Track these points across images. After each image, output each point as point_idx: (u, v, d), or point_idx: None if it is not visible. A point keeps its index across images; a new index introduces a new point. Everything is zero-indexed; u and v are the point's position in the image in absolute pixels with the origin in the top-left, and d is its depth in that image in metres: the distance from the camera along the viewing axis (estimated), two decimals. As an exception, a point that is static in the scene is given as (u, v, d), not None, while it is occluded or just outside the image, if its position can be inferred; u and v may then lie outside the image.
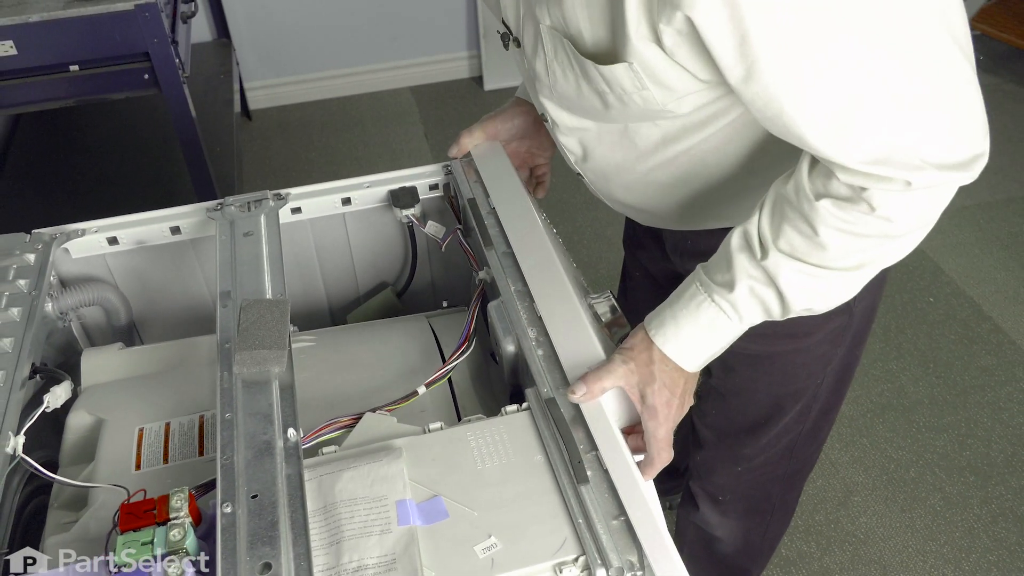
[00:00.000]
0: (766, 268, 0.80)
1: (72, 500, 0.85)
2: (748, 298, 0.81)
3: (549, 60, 0.85)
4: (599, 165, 0.98)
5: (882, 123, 0.69)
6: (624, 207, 1.05)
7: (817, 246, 0.77)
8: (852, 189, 0.74)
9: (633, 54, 0.75)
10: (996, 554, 1.71)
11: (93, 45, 1.73)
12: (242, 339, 0.81)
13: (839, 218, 0.75)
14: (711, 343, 0.84)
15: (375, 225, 1.14)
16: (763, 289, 0.81)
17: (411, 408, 0.88)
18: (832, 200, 0.75)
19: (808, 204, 0.76)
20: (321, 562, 0.68)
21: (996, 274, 2.34)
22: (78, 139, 2.70)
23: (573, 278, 0.93)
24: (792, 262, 0.79)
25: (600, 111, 0.86)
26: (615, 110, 0.84)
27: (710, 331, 0.83)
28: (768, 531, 1.37)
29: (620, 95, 0.81)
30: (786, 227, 0.79)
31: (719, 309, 0.82)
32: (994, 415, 1.98)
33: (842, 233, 0.76)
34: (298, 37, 3.03)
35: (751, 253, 0.81)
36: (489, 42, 3.12)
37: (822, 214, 0.76)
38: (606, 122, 0.91)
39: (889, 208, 0.73)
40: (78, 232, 1.03)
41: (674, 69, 0.75)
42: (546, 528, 0.70)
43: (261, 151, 2.96)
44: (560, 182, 1.22)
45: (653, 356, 0.82)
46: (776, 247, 0.79)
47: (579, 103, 0.87)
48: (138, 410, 0.90)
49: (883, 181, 0.72)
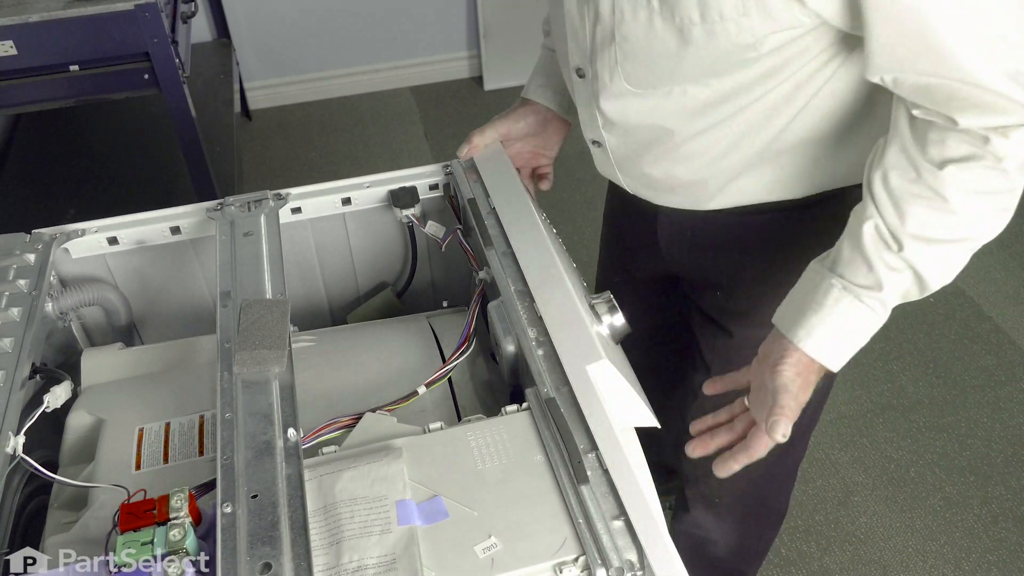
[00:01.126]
0: (905, 259, 0.81)
1: (72, 500, 0.85)
2: (894, 294, 0.83)
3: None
4: (636, 132, 0.95)
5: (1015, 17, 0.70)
6: (646, 182, 1.02)
7: (948, 213, 0.77)
8: (973, 143, 0.74)
9: None
10: (996, 554, 1.71)
11: (93, 45, 1.73)
12: (242, 339, 0.81)
13: (967, 180, 0.75)
14: (858, 339, 0.84)
15: (375, 225, 1.14)
16: (903, 279, 0.82)
17: (411, 408, 0.88)
18: (957, 164, 0.75)
19: (932, 175, 0.76)
20: (321, 562, 0.68)
21: (996, 274, 2.34)
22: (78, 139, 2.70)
23: (573, 278, 0.93)
24: (927, 247, 0.80)
25: (671, 53, 0.83)
26: (695, 47, 0.81)
27: (858, 329, 0.84)
28: (763, 534, 1.37)
29: (712, 24, 0.78)
30: (911, 206, 0.79)
31: (871, 310, 0.83)
32: (994, 415, 1.98)
33: (972, 194, 0.76)
34: (298, 37, 3.03)
35: (887, 248, 0.81)
36: (489, 42, 3.12)
37: (950, 180, 0.76)
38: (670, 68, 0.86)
39: (1013, 154, 0.74)
40: (78, 232, 1.03)
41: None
42: (546, 528, 0.70)
43: (261, 151, 2.96)
44: (560, 182, 1.22)
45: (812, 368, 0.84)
46: (907, 232, 0.79)
47: (646, 46, 0.84)
48: (138, 410, 0.90)
49: (1007, 113, 0.72)
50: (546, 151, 1.16)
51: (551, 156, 1.17)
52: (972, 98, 0.72)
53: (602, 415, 0.77)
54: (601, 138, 0.99)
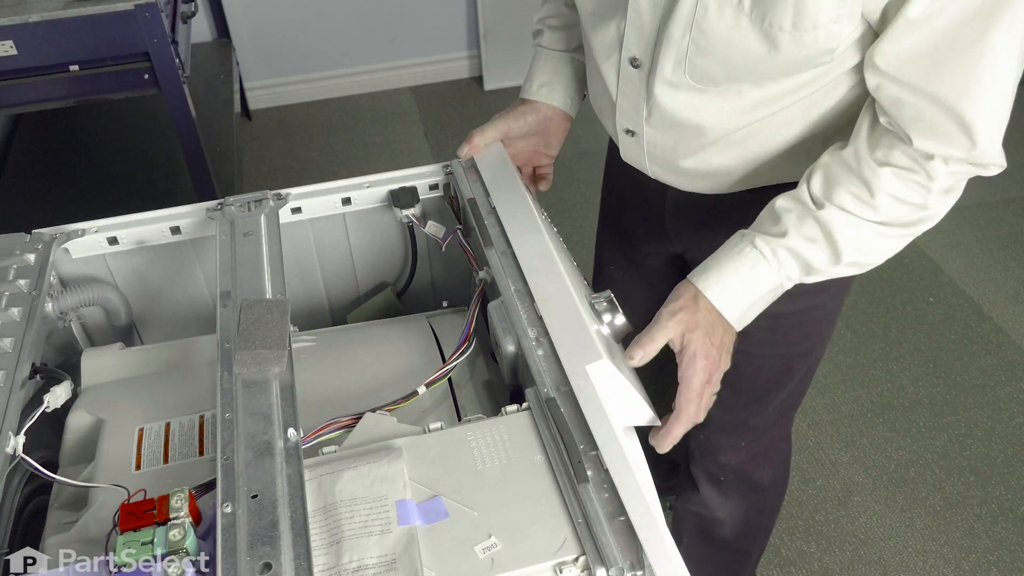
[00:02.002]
0: (821, 218, 0.84)
1: (72, 500, 0.85)
2: (789, 254, 0.86)
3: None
4: (677, 126, 0.95)
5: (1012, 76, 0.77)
6: (671, 171, 1.02)
7: (870, 208, 0.84)
8: (914, 159, 0.81)
9: None
10: (996, 554, 1.71)
11: (93, 45, 1.73)
12: (242, 339, 0.81)
13: (897, 186, 0.82)
14: (751, 290, 0.87)
15: (375, 225, 1.14)
16: (810, 245, 0.85)
17: (411, 408, 0.88)
18: (894, 169, 0.82)
19: (870, 170, 0.83)
20: (321, 562, 0.68)
21: (996, 274, 2.34)
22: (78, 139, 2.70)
23: (574, 277, 0.93)
24: (848, 215, 0.84)
25: (751, 54, 0.84)
26: (780, 51, 0.82)
27: (751, 276, 0.86)
28: (766, 507, 1.38)
29: (803, 31, 0.79)
30: (839, 189, 0.84)
31: (760, 254, 0.86)
32: (994, 415, 1.98)
33: (895, 199, 0.83)
34: (298, 37, 3.04)
35: (803, 209, 0.85)
36: (489, 42, 3.12)
37: (883, 181, 0.82)
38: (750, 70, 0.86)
39: (943, 179, 0.81)
40: (78, 232, 1.03)
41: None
42: (546, 528, 0.70)
43: (261, 151, 2.96)
44: (560, 182, 1.22)
45: (699, 305, 0.86)
46: (830, 202, 0.85)
47: (726, 44, 0.84)
48: (138, 410, 0.90)
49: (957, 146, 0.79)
50: (547, 150, 1.16)
51: (552, 155, 1.17)
52: (935, 124, 0.79)
53: (602, 415, 0.77)
54: (640, 129, 0.99)
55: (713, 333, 0.85)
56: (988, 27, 0.74)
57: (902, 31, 0.77)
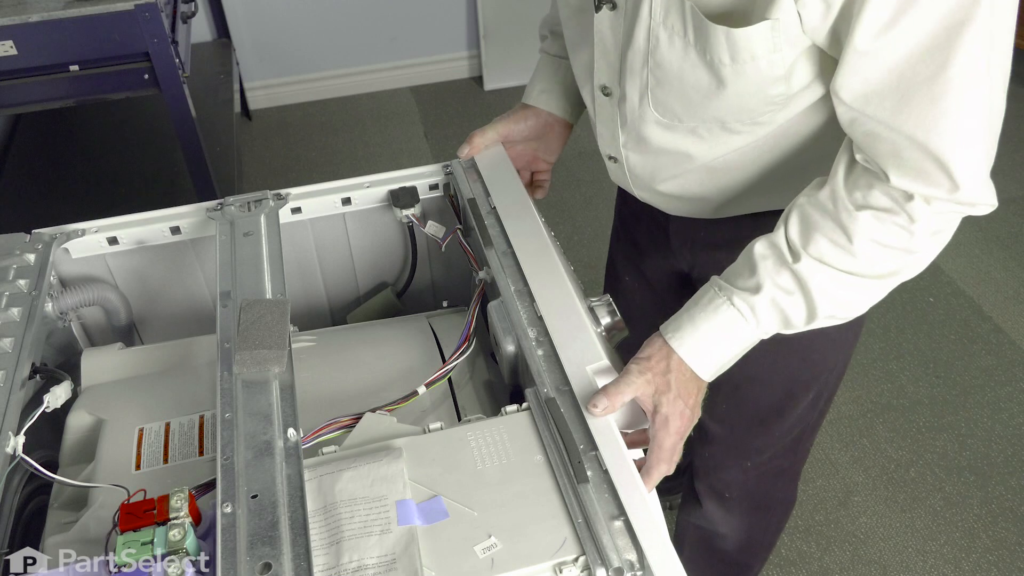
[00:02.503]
0: (797, 272, 0.80)
1: (72, 500, 0.85)
2: (769, 305, 0.81)
3: (655, 24, 0.82)
4: (655, 152, 0.95)
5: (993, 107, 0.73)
6: (658, 197, 1.03)
7: (848, 255, 0.79)
8: (894, 199, 0.76)
9: (780, 8, 0.73)
10: (996, 554, 1.71)
11: (93, 45, 1.73)
12: (242, 339, 0.81)
13: (877, 230, 0.77)
14: (726, 349, 0.83)
15: (375, 225, 1.14)
16: (787, 298, 0.81)
17: (411, 408, 0.88)
18: (873, 212, 0.77)
19: (847, 214, 0.78)
20: (321, 562, 0.68)
21: (996, 274, 2.34)
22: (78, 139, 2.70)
23: (572, 280, 0.93)
24: (825, 268, 0.80)
25: (703, 88, 0.83)
26: (727, 85, 0.81)
27: (728, 335, 0.82)
28: (771, 526, 1.37)
29: (743, 64, 0.78)
30: (817, 235, 0.80)
31: (738, 312, 0.82)
32: (994, 415, 1.98)
33: (876, 244, 0.78)
34: (298, 37, 3.04)
35: (779, 259, 0.81)
36: (489, 42, 3.12)
37: (861, 225, 0.78)
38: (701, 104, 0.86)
39: (927, 220, 0.77)
40: (78, 232, 1.03)
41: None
42: (546, 528, 0.70)
43: (261, 151, 2.96)
44: (560, 182, 1.22)
45: (671, 364, 0.82)
46: (807, 252, 0.80)
47: (679, 76, 0.84)
48: (138, 410, 0.90)
49: (938, 185, 0.74)
50: (546, 155, 1.16)
51: (550, 160, 1.17)
52: (912, 161, 0.75)
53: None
54: (620, 155, 0.99)
55: (687, 394, 0.82)
56: (947, 59, 0.69)
57: (857, 64, 0.73)
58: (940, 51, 0.70)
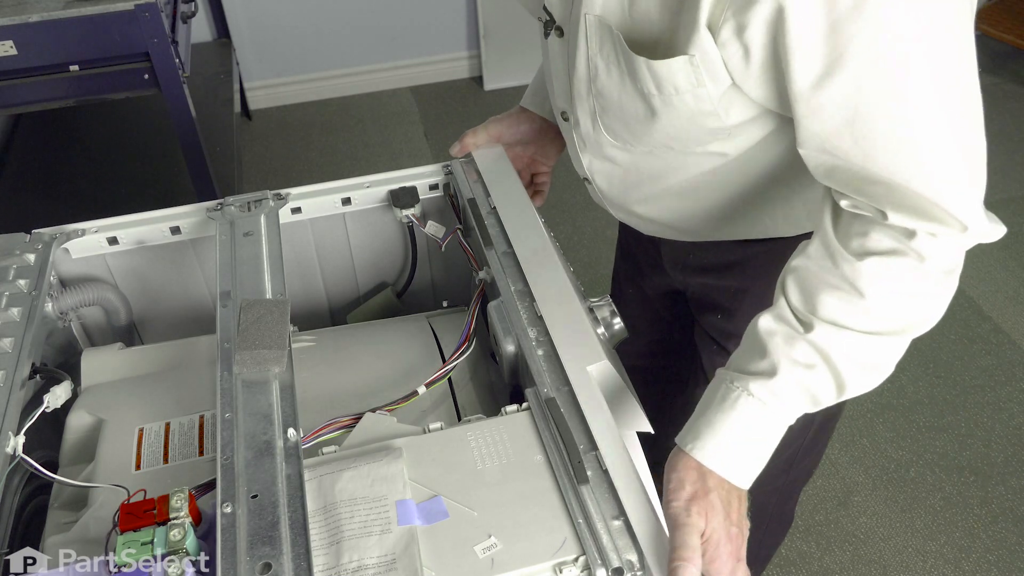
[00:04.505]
0: (813, 342, 0.72)
1: (72, 500, 0.85)
2: (793, 386, 0.73)
3: (592, 54, 0.81)
4: (620, 174, 0.95)
5: (965, 141, 0.68)
6: (635, 218, 1.03)
7: (862, 312, 0.72)
8: (896, 239, 0.71)
9: (696, 45, 0.70)
10: (996, 554, 1.71)
11: (93, 45, 1.73)
12: (242, 339, 0.81)
13: (886, 276, 0.71)
14: (756, 445, 0.74)
15: (375, 225, 1.14)
16: (809, 373, 0.72)
17: (411, 408, 0.88)
18: (877, 258, 0.71)
19: (849, 266, 0.72)
20: (321, 562, 0.68)
21: (996, 274, 2.34)
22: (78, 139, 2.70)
23: (572, 280, 0.93)
24: (842, 331, 0.72)
25: (641, 117, 0.81)
26: (660, 116, 0.79)
27: (754, 431, 0.73)
28: (764, 540, 1.37)
29: (669, 96, 0.76)
30: (822, 297, 0.73)
31: (759, 402, 0.72)
32: (994, 415, 1.98)
33: (890, 292, 0.71)
34: (298, 37, 3.03)
35: (789, 332, 0.73)
36: (489, 42, 3.12)
37: (867, 274, 0.71)
38: (643, 132, 0.84)
39: (938, 257, 0.71)
40: (78, 232, 1.03)
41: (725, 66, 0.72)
42: (546, 528, 0.70)
43: (261, 151, 2.96)
44: (560, 182, 1.22)
45: (709, 485, 0.72)
46: (818, 316, 0.72)
47: (619, 104, 0.82)
48: (138, 410, 0.90)
49: (939, 221, 0.69)
50: (543, 159, 1.16)
51: (549, 165, 1.18)
52: (905, 199, 0.70)
53: (602, 415, 0.77)
54: (589, 176, 1.00)
55: (730, 511, 0.72)
56: (899, 106, 0.66)
57: (806, 118, 0.69)
58: (888, 100, 0.66)
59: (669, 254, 1.09)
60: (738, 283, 1.04)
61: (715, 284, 1.07)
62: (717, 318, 1.09)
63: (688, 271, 1.08)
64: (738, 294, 1.05)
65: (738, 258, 1.02)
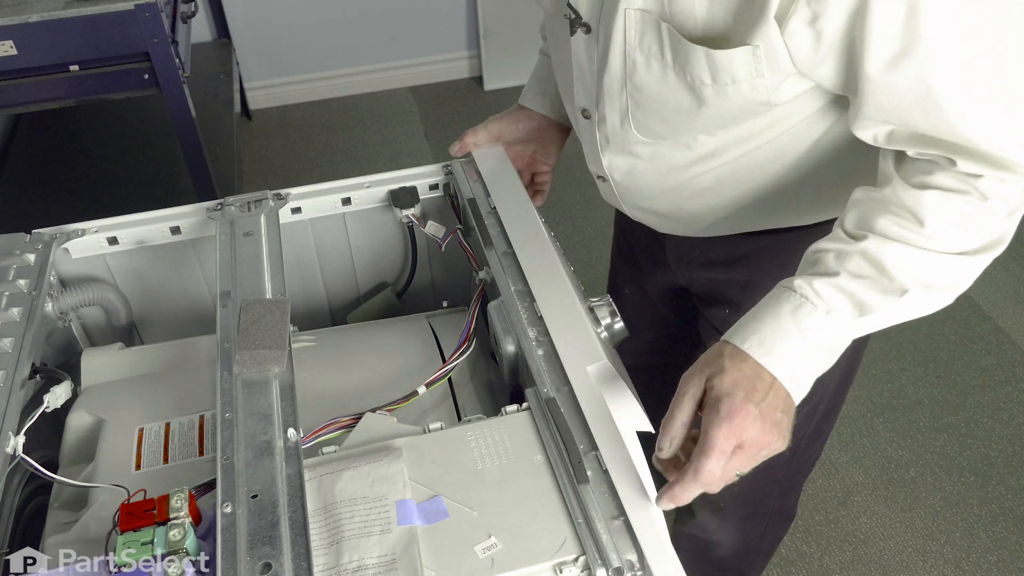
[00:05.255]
0: (866, 251, 0.73)
1: (72, 500, 0.85)
2: (836, 291, 0.73)
3: (631, 48, 0.80)
4: (642, 168, 0.94)
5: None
6: (651, 215, 1.02)
7: (922, 236, 0.72)
8: (962, 179, 0.71)
9: (761, 36, 0.71)
10: (996, 554, 1.71)
11: (93, 45, 1.73)
12: (242, 339, 0.81)
13: (949, 208, 0.71)
14: (795, 340, 0.72)
15: (375, 225, 1.14)
16: (858, 282, 0.73)
17: (411, 408, 0.88)
18: (939, 191, 0.72)
19: (911, 195, 0.72)
20: (321, 562, 0.68)
21: (996, 274, 2.34)
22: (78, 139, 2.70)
23: (573, 281, 0.93)
24: (895, 243, 0.72)
25: (684, 108, 0.81)
26: (709, 106, 0.79)
27: (793, 322, 0.73)
28: (767, 534, 1.36)
29: (724, 85, 0.76)
30: (880, 220, 0.73)
31: (801, 296, 0.73)
32: (994, 415, 1.98)
33: (952, 225, 0.72)
34: (298, 37, 3.03)
35: (841, 247, 0.74)
36: (489, 42, 3.12)
37: (929, 204, 0.71)
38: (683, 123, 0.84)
39: (1002, 197, 0.71)
40: (78, 232, 1.03)
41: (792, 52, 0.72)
42: (546, 528, 0.70)
43: (261, 151, 2.96)
44: (560, 182, 1.22)
45: (724, 351, 0.73)
46: (873, 232, 0.73)
47: (659, 98, 0.82)
48: (138, 410, 0.90)
49: (1008, 169, 0.70)
50: (544, 158, 1.16)
51: (550, 163, 1.17)
52: (976, 154, 0.71)
53: (602, 415, 0.77)
54: (607, 175, 0.98)
55: (751, 388, 0.70)
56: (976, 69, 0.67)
57: (872, 90, 0.70)
58: (961, 74, 0.67)
59: (674, 250, 1.09)
60: (747, 276, 1.03)
61: (723, 278, 1.06)
62: (725, 312, 1.09)
63: (694, 266, 1.08)
64: (747, 287, 1.04)
65: (746, 251, 1.01)
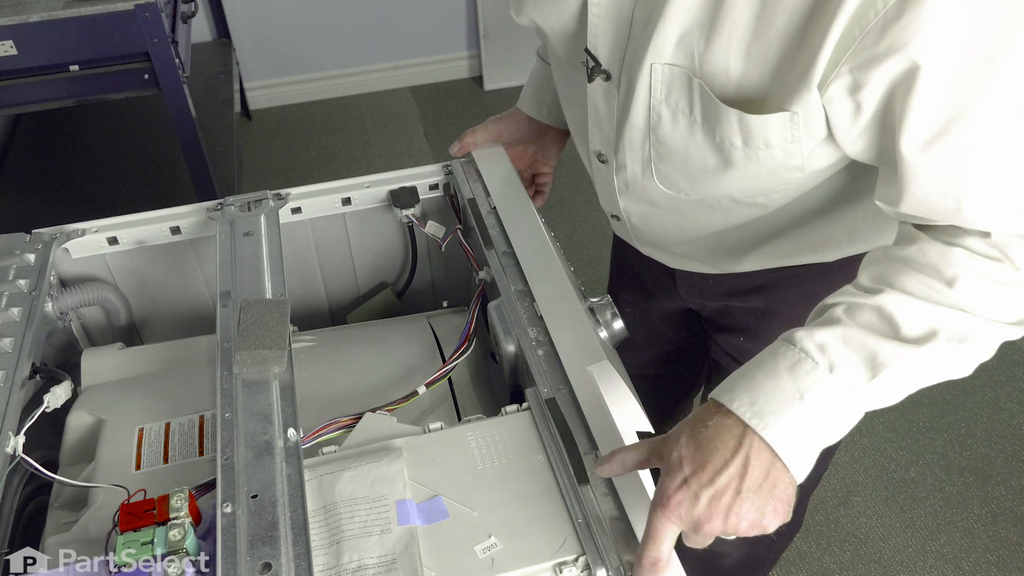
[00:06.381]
0: (880, 305, 0.65)
1: (72, 500, 0.85)
2: (843, 346, 0.64)
3: (656, 101, 0.75)
4: (660, 216, 0.91)
5: None
6: (665, 254, 1.00)
7: (952, 296, 0.65)
8: (993, 245, 0.66)
9: (801, 103, 0.66)
10: (996, 554, 1.71)
11: (93, 45, 1.73)
12: (242, 339, 0.81)
13: (976, 265, 0.65)
14: (793, 402, 0.62)
15: (375, 225, 1.14)
16: (868, 336, 0.64)
17: (411, 408, 0.88)
18: (967, 251, 0.66)
19: (938, 251, 0.66)
20: (321, 562, 0.68)
21: (996, 274, 2.34)
22: (78, 139, 2.70)
23: (573, 281, 0.93)
24: (914, 300, 0.65)
25: (710, 168, 0.76)
26: (736, 168, 0.74)
27: (790, 379, 0.63)
28: (773, 544, 1.36)
29: (756, 150, 0.71)
30: (903, 277, 0.66)
31: (800, 352, 0.64)
32: (994, 415, 1.98)
33: (985, 280, 0.65)
34: (298, 37, 3.03)
35: (853, 300, 0.67)
36: (489, 42, 3.12)
37: (956, 262, 0.65)
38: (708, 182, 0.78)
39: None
40: (78, 232, 1.03)
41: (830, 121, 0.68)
42: (546, 528, 0.70)
43: (261, 151, 2.96)
44: (560, 182, 1.22)
45: (707, 413, 0.64)
46: (892, 287, 0.66)
47: (684, 154, 0.77)
48: (138, 410, 0.90)
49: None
50: (545, 159, 1.16)
51: (551, 165, 1.17)
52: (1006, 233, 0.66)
53: (602, 415, 0.77)
54: (623, 216, 0.96)
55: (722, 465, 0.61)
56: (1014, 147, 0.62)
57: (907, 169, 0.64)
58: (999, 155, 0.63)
59: (685, 280, 1.06)
60: (764, 304, 1.00)
61: (739, 306, 1.04)
62: (739, 340, 1.06)
63: (707, 295, 1.06)
64: (765, 316, 1.01)
65: (765, 281, 0.99)
